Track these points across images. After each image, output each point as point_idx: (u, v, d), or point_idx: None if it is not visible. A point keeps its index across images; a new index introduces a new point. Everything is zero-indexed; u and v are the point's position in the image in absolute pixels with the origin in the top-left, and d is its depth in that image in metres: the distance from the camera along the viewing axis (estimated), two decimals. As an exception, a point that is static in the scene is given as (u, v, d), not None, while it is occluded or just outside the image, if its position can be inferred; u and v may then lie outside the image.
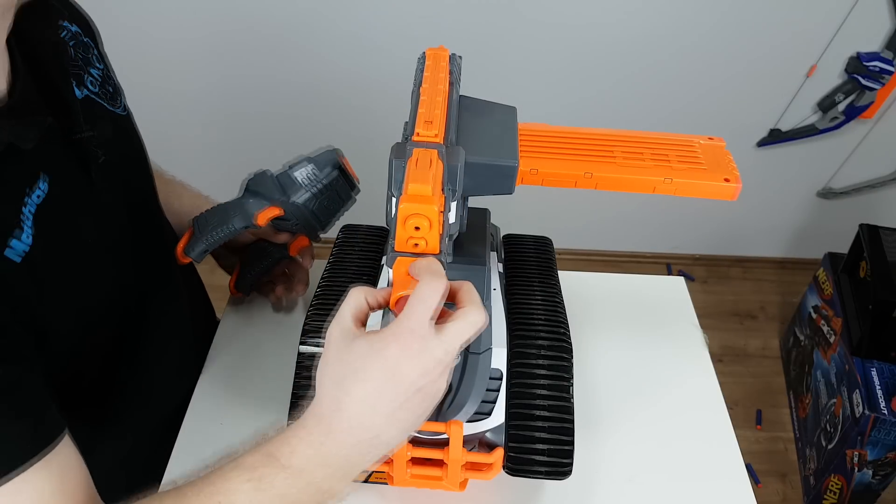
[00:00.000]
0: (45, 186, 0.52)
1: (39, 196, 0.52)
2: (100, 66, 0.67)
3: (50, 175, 0.53)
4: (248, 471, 0.47)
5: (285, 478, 0.46)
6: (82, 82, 0.63)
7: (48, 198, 0.53)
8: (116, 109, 0.67)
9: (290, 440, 0.47)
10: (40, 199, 0.52)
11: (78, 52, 0.63)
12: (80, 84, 0.62)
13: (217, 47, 1.68)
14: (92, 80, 0.64)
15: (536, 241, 0.79)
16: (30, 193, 0.51)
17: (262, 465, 0.47)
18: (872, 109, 1.75)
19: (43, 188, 0.52)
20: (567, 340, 0.65)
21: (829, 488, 1.55)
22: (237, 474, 0.47)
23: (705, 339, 0.88)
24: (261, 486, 0.46)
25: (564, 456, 0.61)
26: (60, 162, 0.56)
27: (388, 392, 0.45)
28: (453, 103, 0.58)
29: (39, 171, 0.52)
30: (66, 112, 0.57)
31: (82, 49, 0.64)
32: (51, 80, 0.57)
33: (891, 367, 1.46)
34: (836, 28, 1.61)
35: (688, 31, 1.64)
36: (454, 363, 0.47)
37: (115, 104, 0.67)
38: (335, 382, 0.46)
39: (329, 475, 0.47)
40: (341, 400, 0.45)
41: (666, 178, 0.58)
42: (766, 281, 2.17)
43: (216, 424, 0.75)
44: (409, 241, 0.47)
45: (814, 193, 2.00)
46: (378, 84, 1.70)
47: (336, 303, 0.67)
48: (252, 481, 0.46)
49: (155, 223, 0.75)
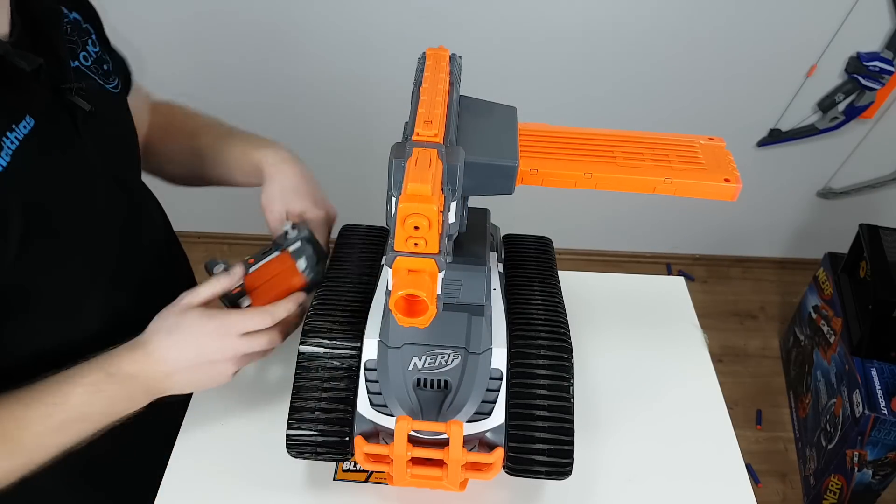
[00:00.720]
0: (31, 122, 0.56)
1: (25, 127, 0.56)
2: (95, 49, 0.68)
3: (36, 118, 0.57)
4: (80, 379, 0.60)
5: (110, 383, 0.61)
6: (76, 56, 0.65)
7: (32, 134, 0.56)
8: (108, 85, 0.69)
9: (116, 358, 0.62)
10: (25, 131, 0.56)
11: (74, 34, 0.66)
12: (74, 57, 0.65)
13: (217, 47, 1.68)
14: (85, 56, 0.67)
15: (536, 241, 0.79)
16: (14, 127, 0.55)
17: (92, 375, 0.61)
18: (872, 109, 1.75)
19: (29, 123, 0.56)
20: (567, 340, 0.65)
21: (829, 488, 1.55)
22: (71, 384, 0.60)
23: (705, 339, 0.88)
24: (90, 390, 0.60)
25: (564, 456, 0.61)
26: (48, 107, 0.59)
27: (189, 351, 0.62)
28: (453, 103, 0.58)
29: (26, 111, 0.56)
30: (57, 64, 0.60)
31: (78, 33, 0.67)
32: (47, 37, 0.60)
33: (891, 367, 1.46)
34: (836, 28, 1.61)
35: (688, 32, 1.64)
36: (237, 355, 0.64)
37: (107, 81, 0.69)
38: (165, 329, 0.62)
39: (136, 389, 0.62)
40: (161, 341, 0.62)
41: (666, 179, 0.58)
42: (766, 281, 2.17)
43: (216, 424, 0.76)
44: (408, 240, 0.47)
45: (814, 193, 2.00)
46: (378, 84, 1.70)
47: (336, 302, 0.67)
48: (83, 385, 0.60)
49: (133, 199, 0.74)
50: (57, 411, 0.59)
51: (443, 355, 0.62)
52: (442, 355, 0.62)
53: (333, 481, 0.71)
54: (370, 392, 0.62)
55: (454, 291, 0.64)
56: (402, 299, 0.48)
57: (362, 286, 0.70)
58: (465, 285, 0.64)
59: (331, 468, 0.72)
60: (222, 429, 0.75)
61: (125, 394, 0.62)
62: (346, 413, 0.62)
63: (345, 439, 0.62)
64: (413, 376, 0.61)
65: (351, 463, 0.71)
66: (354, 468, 0.71)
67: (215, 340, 0.63)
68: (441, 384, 0.61)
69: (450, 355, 0.62)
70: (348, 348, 0.64)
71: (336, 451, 0.63)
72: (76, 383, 0.60)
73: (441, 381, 0.61)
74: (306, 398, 0.63)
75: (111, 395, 0.61)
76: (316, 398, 0.63)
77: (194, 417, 0.76)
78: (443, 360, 0.62)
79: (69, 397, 0.59)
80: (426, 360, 0.61)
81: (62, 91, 0.60)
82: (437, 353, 0.62)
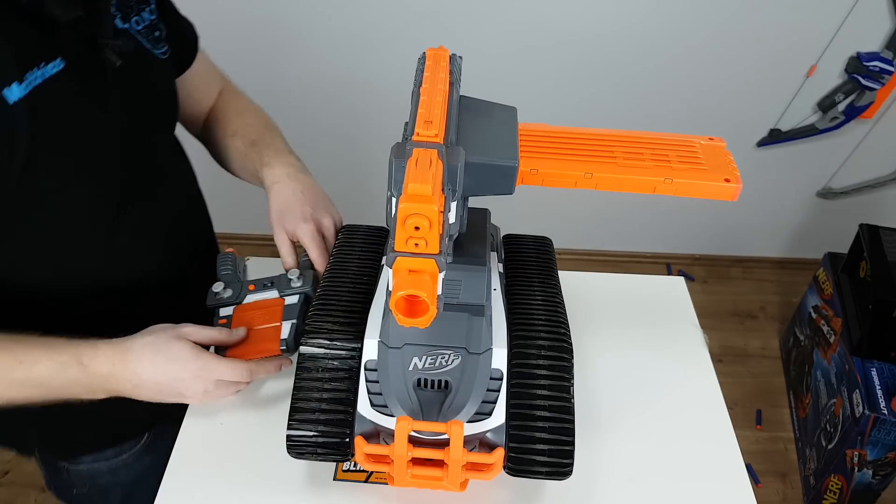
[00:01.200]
0: (60, 65, 0.60)
1: (54, 68, 0.60)
2: (152, 16, 0.74)
3: (67, 62, 0.61)
4: (54, 353, 0.64)
5: (78, 371, 0.65)
6: (128, 19, 0.70)
7: (60, 75, 0.60)
8: (157, 51, 0.74)
9: (95, 351, 0.65)
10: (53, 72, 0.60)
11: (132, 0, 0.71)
12: (126, 20, 0.70)
13: (216, 47, 1.68)
14: (138, 20, 0.72)
15: (536, 242, 0.79)
16: (42, 65, 0.59)
17: (66, 355, 0.65)
18: (872, 109, 1.75)
19: (58, 65, 0.60)
20: (567, 340, 0.65)
21: (829, 488, 1.55)
22: (45, 353, 0.64)
23: (705, 339, 0.88)
24: (57, 368, 0.64)
25: (565, 456, 0.61)
26: (81, 56, 0.63)
27: (162, 374, 0.67)
28: (453, 103, 0.58)
29: (59, 54, 0.60)
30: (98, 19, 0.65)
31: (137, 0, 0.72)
32: None
33: (891, 367, 1.46)
34: (836, 28, 1.61)
35: (688, 32, 1.64)
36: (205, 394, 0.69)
37: (156, 46, 0.74)
38: (152, 347, 0.67)
39: (100, 385, 0.66)
40: (143, 356, 0.66)
41: (666, 179, 0.58)
42: (766, 281, 2.17)
43: (216, 424, 0.76)
44: (408, 240, 0.47)
45: (814, 193, 2.00)
46: (378, 84, 1.70)
47: (336, 303, 0.67)
48: (53, 360, 0.64)
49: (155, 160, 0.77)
50: (20, 369, 0.63)
51: (443, 355, 0.62)
52: (442, 355, 0.62)
53: (333, 481, 0.71)
54: (370, 392, 0.62)
55: (454, 292, 0.64)
56: (403, 300, 0.48)
57: (362, 286, 0.70)
58: (466, 285, 0.64)
59: (331, 468, 0.72)
60: (222, 429, 0.75)
61: (87, 385, 0.66)
62: (347, 413, 0.62)
63: (345, 440, 0.62)
64: (413, 376, 0.61)
65: (351, 463, 0.71)
66: (354, 468, 0.71)
67: (192, 379, 0.68)
68: (441, 384, 0.61)
69: (450, 355, 0.62)
70: (348, 349, 0.64)
71: (336, 452, 0.63)
72: (47, 355, 0.64)
73: (441, 381, 0.61)
74: (306, 399, 0.63)
75: (73, 380, 0.65)
76: (316, 399, 0.63)
77: (194, 417, 0.76)
78: (443, 360, 0.62)
79: (36, 365, 0.64)
80: (426, 360, 0.61)
81: (98, 45, 0.65)
82: (437, 354, 0.62)
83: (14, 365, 0.63)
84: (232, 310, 0.78)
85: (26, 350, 0.64)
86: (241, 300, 0.79)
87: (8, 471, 1.59)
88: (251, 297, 0.79)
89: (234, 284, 0.80)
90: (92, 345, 0.66)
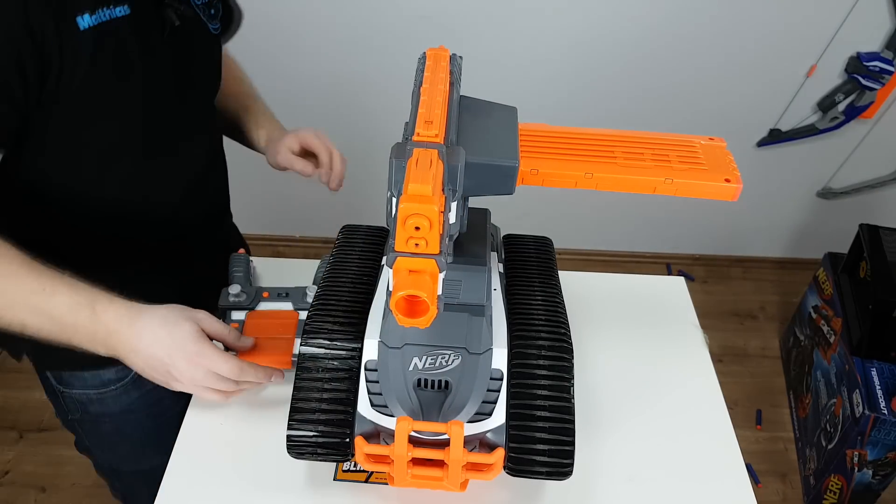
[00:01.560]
0: (126, 10, 0.67)
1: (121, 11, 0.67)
2: None
3: (132, 10, 0.68)
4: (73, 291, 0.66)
5: (88, 315, 0.66)
6: None
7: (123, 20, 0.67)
8: (211, 25, 0.81)
9: (110, 304, 0.67)
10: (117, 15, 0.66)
11: None
12: None
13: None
14: None
15: (536, 241, 0.79)
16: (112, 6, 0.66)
17: (83, 297, 0.66)
18: (872, 109, 1.75)
19: (124, 10, 0.67)
20: (567, 340, 0.65)
21: (829, 488, 1.55)
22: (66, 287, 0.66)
23: (705, 339, 0.88)
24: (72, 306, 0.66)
25: (565, 456, 0.61)
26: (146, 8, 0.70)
27: (159, 348, 0.68)
28: (453, 103, 0.58)
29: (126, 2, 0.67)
30: None
31: None
32: None
33: (891, 367, 1.46)
34: (836, 28, 1.61)
35: (688, 32, 1.64)
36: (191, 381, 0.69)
37: (211, 22, 0.81)
38: (161, 320, 0.68)
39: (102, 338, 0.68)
40: (149, 325, 0.68)
41: (666, 179, 0.58)
42: (766, 281, 2.17)
43: (216, 424, 0.76)
44: (409, 241, 0.47)
45: (814, 193, 2.00)
46: (378, 84, 1.70)
47: (337, 303, 0.67)
48: (69, 297, 0.66)
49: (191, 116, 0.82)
50: (40, 295, 0.65)
51: (443, 356, 0.62)
52: (442, 356, 0.62)
53: (333, 481, 0.71)
54: (371, 392, 0.62)
55: (454, 292, 0.64)
56: (403, 300, 0.48)
57: (362, 286, 0.70)
58: (466, 285, 0.64)
59: (331, 468, 0.72)
60: (222, 429, 0.75)
61: (91, 334, 0.67)
62: (347, 414, 0.62)
63: (345, 440, 0.62)
64: (413, 377, 0.61)
65: (351, 463, 0.71)
66: (355, 468, 0.71)
67: (185, 361, 0.68)
68: (441, 384, 0.61)
69: (450, 356, 0.62)
70: (349, 349, 0.64)
71: (336, 452, 0.63)
72: (67, 291, 0.66)
73: (441, 381, 0.61)
74: (307, 399, 0.63)
75: (81, 323, 0.66)
76: (316, 399, 0.63)
77: (194, 417, 0.76)
78: (443, 360, 0.62)
79: (55, 296, 0.66)
80: (427, 360, 0.61)
81: (163, 3, 0.72)
82: (437, 354, 0.62)
83: (37, 288, 0.65)
84: (244, 314, 0.78)
85: (51, 280, 0.66)
86: (255, 306, 0.79)
87: (8, 471, 1.58)
88: (264, 305, 0.79)
89: (248, 289, 0.80)
90: (109, 297, 0.68)
